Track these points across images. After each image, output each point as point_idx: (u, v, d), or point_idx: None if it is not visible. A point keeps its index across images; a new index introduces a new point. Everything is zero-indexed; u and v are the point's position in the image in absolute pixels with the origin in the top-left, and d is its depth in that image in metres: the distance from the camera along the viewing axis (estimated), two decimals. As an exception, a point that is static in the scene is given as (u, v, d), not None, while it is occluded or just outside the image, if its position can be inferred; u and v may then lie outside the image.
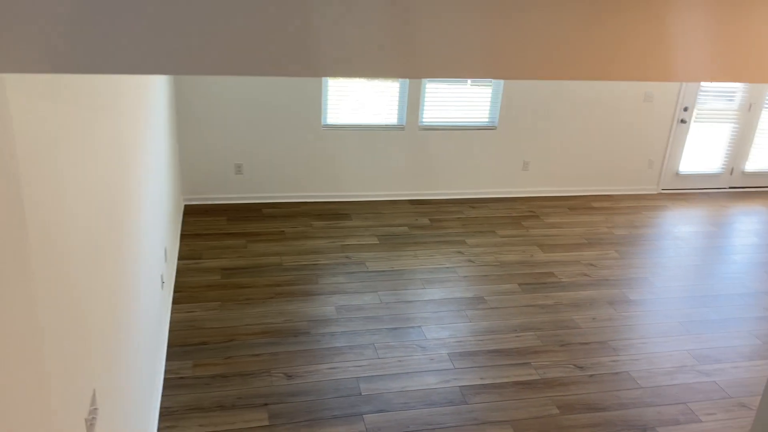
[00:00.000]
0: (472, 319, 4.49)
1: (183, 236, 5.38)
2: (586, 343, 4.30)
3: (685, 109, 6.78)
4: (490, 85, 6.27)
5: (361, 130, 6.14)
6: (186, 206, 5.97)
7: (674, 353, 4.26)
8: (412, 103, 6.12)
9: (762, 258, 5.74)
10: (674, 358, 4.22)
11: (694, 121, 6.89)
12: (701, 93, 6.76)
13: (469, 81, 6.22)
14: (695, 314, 4.75)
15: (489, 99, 6.32)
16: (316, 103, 5.92)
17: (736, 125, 7.07)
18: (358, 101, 6.03)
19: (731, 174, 7.31)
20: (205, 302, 4.46)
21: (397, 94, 6.09)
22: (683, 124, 6.84)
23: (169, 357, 3.87)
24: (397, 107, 6.15)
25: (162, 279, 3.98)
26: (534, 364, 4.06)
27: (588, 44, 1.23)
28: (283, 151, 6.05)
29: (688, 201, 7.00)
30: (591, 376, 3.98)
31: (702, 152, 7.14)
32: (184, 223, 5.64)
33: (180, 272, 4.83)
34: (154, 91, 3.94)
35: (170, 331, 4.12)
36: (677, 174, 7.10)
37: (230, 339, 4.08)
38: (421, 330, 4.32)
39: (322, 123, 6.04)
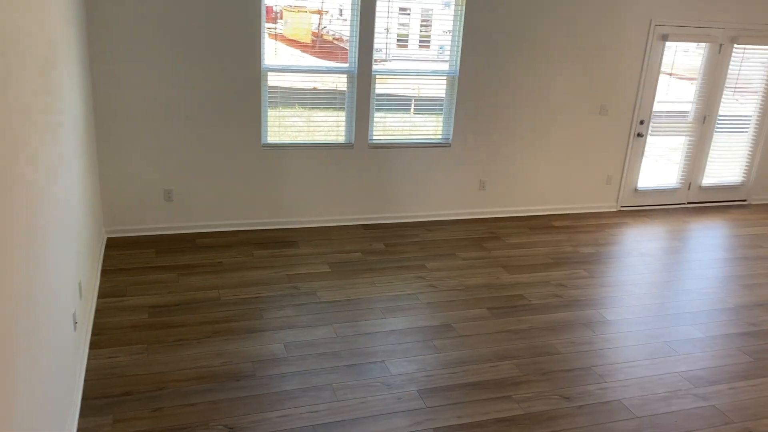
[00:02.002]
0: (441, 349, 3.96)
1: (104, 272, 4.69)
2: (569, 370, 3.83)
3: (642, 122, 6.55)
4: (440, 113, 5.86)
5: (306, 149, 5.61)
6: (108, 239, 5.27)
7: (665, 376, 3.84)
8: (360, 119, 5.64)
9: (733, 272, 5.46)
10: (666, 381, 3.79)
11: (650, 135, 6.67)
12: (657, 104, 6.55)
13: (412, 109, 5.80)
14: (679, 333, 4.37)
15: (441, 121, 5.91)
16: (254, 119, 5.37)
17: (692, 138, 6.89)
18: (301, 117, 5.52)
19: (689, 189, 7.11)
20: (129, 345, 3.78)
21: (344, 114, 5.61)
22: (640, 138, 6.61)
23: (84, 412, 3.18)
24: (345, 123, 5.65)
25: (75, 319, 3.31)
26: (515, 396, 3.55)
27: None
28: (219, 174, 5.45)
29: (649, 217, 6.73)
30: (580, 407, 3.50)
31: (659, 167, 6.92)
32: (105, 257, 4.94)
33: (100, 312, 4.14)
34: (66, 91, 3.33)
35: (86, 380, 3.43)
36: (636, 190, 6.84)
37: (159, 387, 3.42)
38: (385, 365, 3.76)
39: (262, 142, 5.48)
